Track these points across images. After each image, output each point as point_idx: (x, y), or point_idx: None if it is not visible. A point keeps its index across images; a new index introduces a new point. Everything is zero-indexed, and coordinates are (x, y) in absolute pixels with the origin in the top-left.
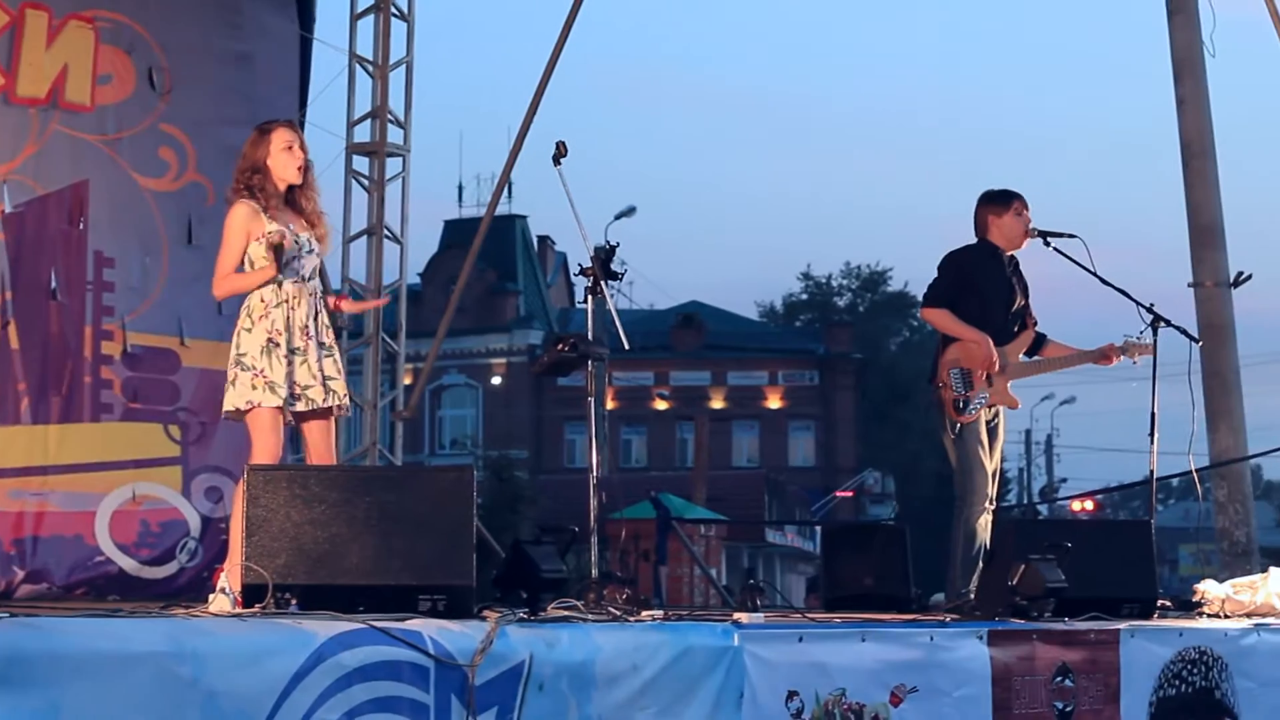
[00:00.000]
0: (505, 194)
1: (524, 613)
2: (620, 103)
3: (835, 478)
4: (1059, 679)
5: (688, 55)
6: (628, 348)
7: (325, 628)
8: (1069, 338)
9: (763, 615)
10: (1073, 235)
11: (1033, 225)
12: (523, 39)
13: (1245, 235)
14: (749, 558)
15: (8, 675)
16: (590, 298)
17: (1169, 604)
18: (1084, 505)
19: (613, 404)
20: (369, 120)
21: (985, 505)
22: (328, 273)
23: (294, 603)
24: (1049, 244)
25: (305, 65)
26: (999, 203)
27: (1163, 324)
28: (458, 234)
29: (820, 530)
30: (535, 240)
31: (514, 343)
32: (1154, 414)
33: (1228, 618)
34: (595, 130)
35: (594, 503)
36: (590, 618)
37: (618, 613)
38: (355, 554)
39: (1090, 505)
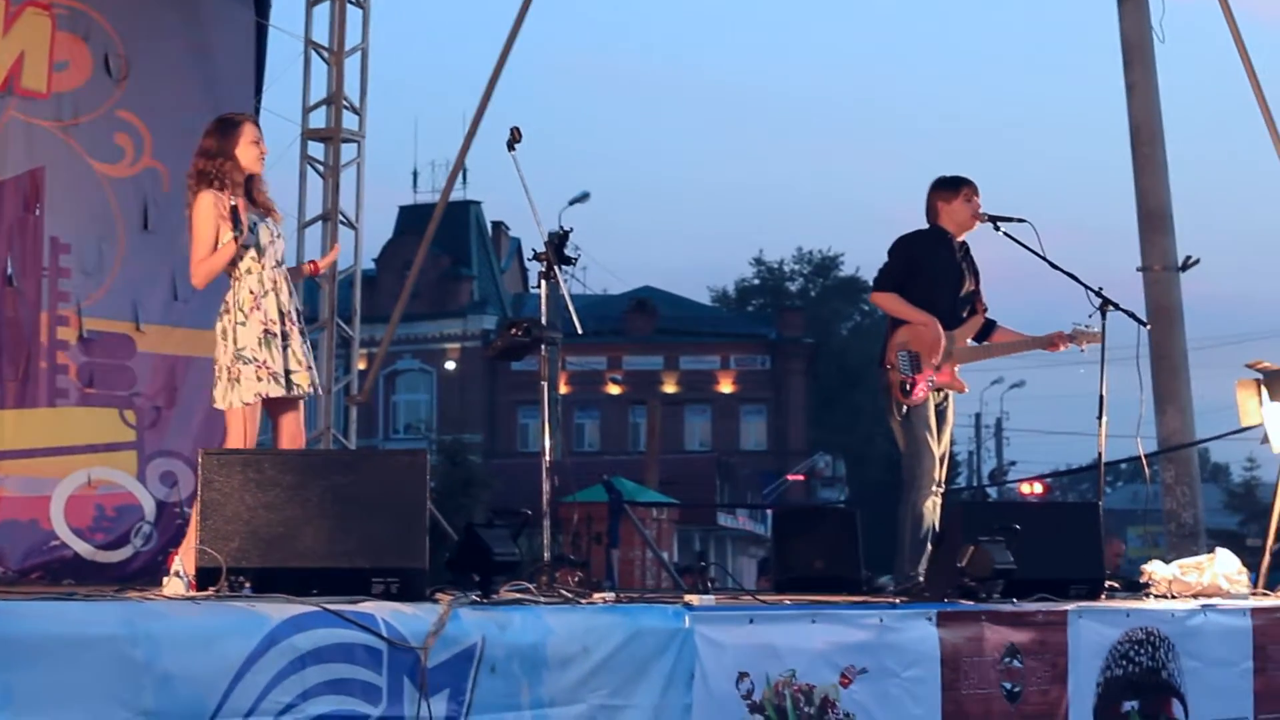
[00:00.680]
0: (460, 180)
1: (476, 595)
2: (575, 89)
3: (786, 461)
4: (1007, 659)
5: (643, 42)
6: (580, 332)
7: (279, 610)
8: (1020, 321)
9: (713, 598)
10: (1022, 220)
11: (982, 210)
12: (478, 26)
13: (1194, 220)
14: (701, 540)
15: None
16: (543, 283)
17: (1116, 585)
18: (1033, 488)
19: (566, 388)
20: (324, 106)
21: (933, 488)
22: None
23: (248, 586)
24: (999, 229)
25: (261, 51)
26: (949, 188)
27: (1111, 307)
28: (413, 219)
29: (771, 513)
30: (490, 226)
31: (468, 328)
32: (1102, 397)
33: (1174, 598)
34: (550, 116)
35: (547, 486)
36: (542, 600)
37: (570, 595)
38: (309, 537)
39: (1039, 488)
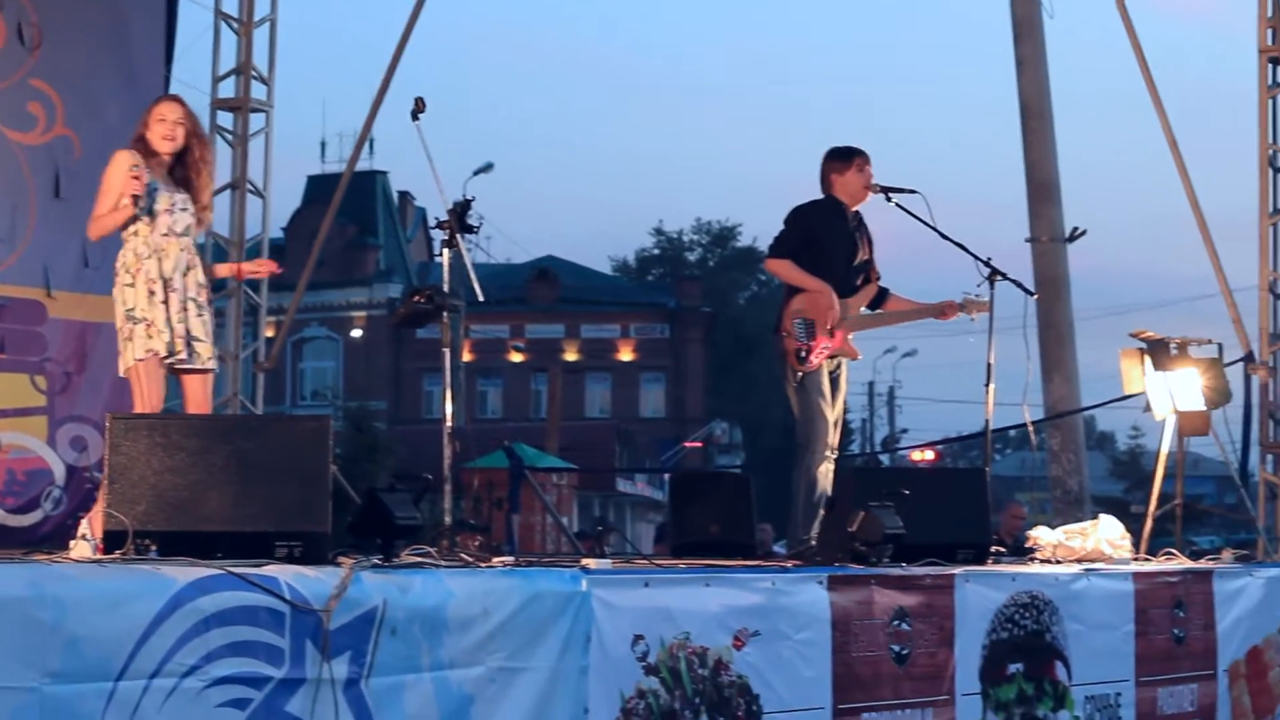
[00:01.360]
0: (367, 150)
1: (378, 559)
2: (481, 61)
3: (685, 428)
4: (896, 623)
5: (547, 15)
6: (483, 300)
7: (183, 573)
8: (912, 291)
9: (610, 561)
10: (914, 191)
11: (875, 181)
12: None
13: (1081, 192)
14: (600, 506)
15: None
16: (446, 251)
17: (1003, 550)
18: (924, 455)
19: (469, 356)
20: (233, 76)
21: (826, 454)
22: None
23: (154, 549)
24: (890, 199)
25: (171, 22)
26: (842, 159)
27: (1000, 277)
28: (320, 189)
29: (668, 479)
30: (396, 196)
31: (374, 296)
32: (990, 365)
33: (1059, 563)
34: (456, 88)
35: (448, 452)
36: (443, 564)
37: (470, 559)
38: (214, 501)
39: (930, 455)
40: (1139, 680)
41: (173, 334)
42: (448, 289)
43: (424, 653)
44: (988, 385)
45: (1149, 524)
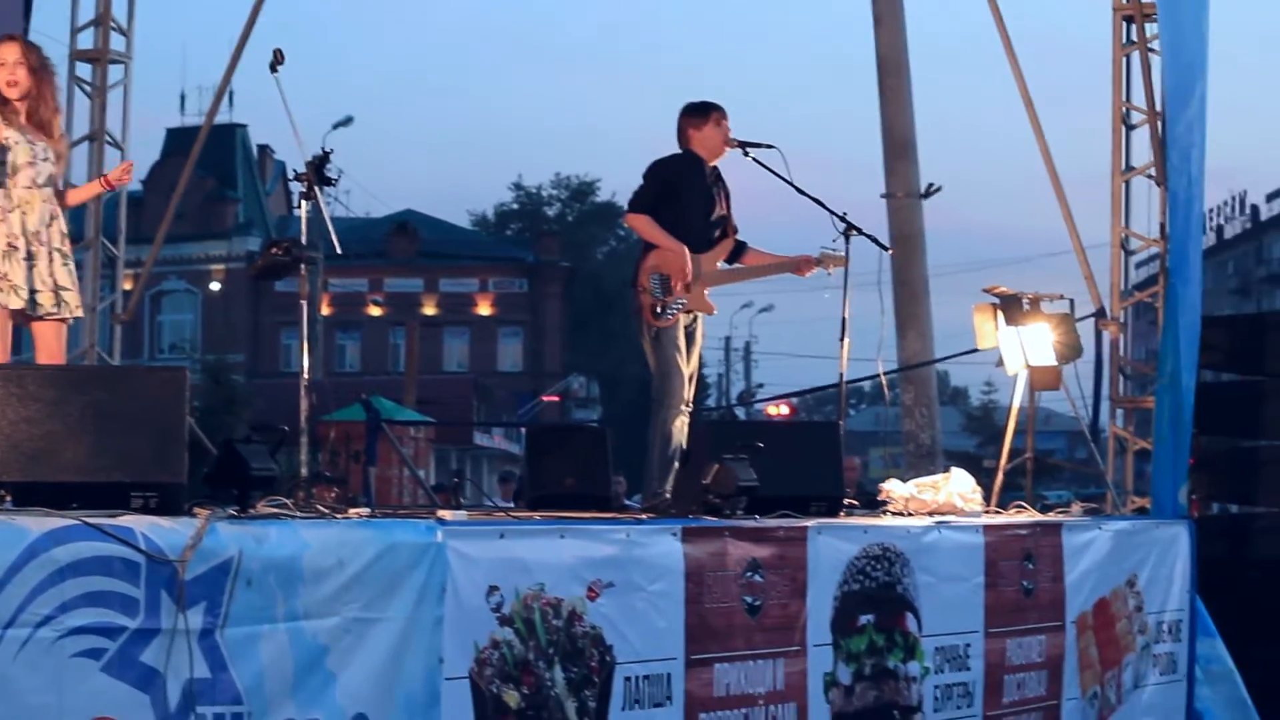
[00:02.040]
0: (227, 103)
1: (234, 510)
2: (341, 14)
3: (542, 383)
4: (749, 574)
5: None
6: (340, 252)
7: (38, 523)
8: (769, 246)
9: (466, 513)
10: (771, 146)
11: (732, 135)
12: None
13: (938, 149)
14: (458, 460)
15: None
16: (304, 203)
17: (856, 502)
18: (779, 409)
19: (328, 310)
20: (92, 28)
21: (682, 408)
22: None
23: (8, 499)
24: (747, 154)
25: None
26: (698, 114)
27: (855, 233)
28: (180, 142)
29: (524, 431)
30: (255, 149)
31: (233, 249)
32: (844, 319)
33: (911, 516)
34: (316, 41)
35: (304, 404)
36: (299, 515)
37: (325, 510)
38: (70, 452)
39: (786, 409)
40: (988, 632)
41: (32, 290)
42: (306, 241)
43: (279, 603)
44: (842, 340)
45: (1000, 478)
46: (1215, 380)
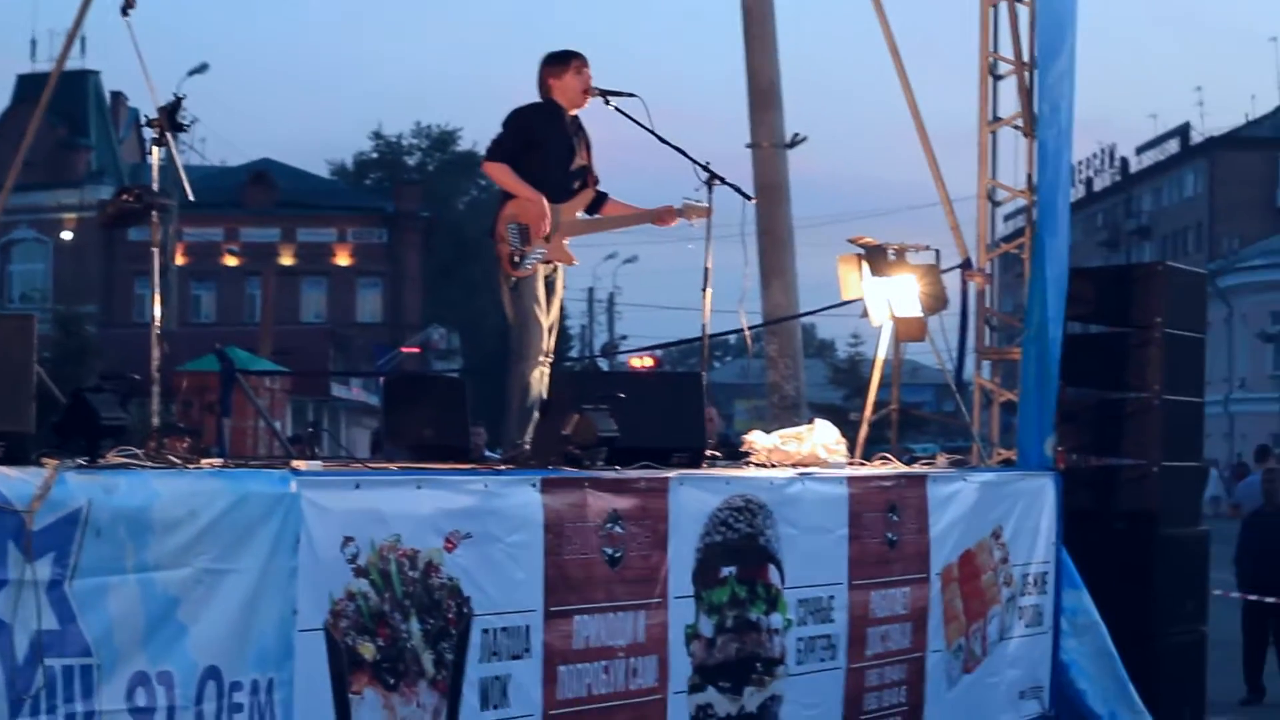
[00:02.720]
0: (78, 49)
1: (83, 460)
2: None
3: (402, 334)
4: (609, 525)
5: None
6: (193, 199)
7: None
8: (631, 197)
9: (321, 464)
10: (632, 95)
11: (593, 84)
12: None
13: (803, 99)
14: (315, 411)
15: None
16: (156, 150)
17: (719, 454)
18: (643, 361)
19: (183, 260)
20: None
21: (541, 359)
22: None
23: None
24: (609, 103)
25: None
26: (558, 63)
27: (718, 182)
28: (30, 88)
29: (382, 382)
30: (108, 96)
31: (85, 198)
32: (707, 270)
33: (774, 467)
34: None
35: (156, 353)
36: (149, 465)
37: (177, 461)
38: None
39: (650, 361)
40: (852, 583)
41: None
42: (157, 188)
43: (129, 554)
44: (705, 290)
45: (864, 429)
46: (1083, 332)
